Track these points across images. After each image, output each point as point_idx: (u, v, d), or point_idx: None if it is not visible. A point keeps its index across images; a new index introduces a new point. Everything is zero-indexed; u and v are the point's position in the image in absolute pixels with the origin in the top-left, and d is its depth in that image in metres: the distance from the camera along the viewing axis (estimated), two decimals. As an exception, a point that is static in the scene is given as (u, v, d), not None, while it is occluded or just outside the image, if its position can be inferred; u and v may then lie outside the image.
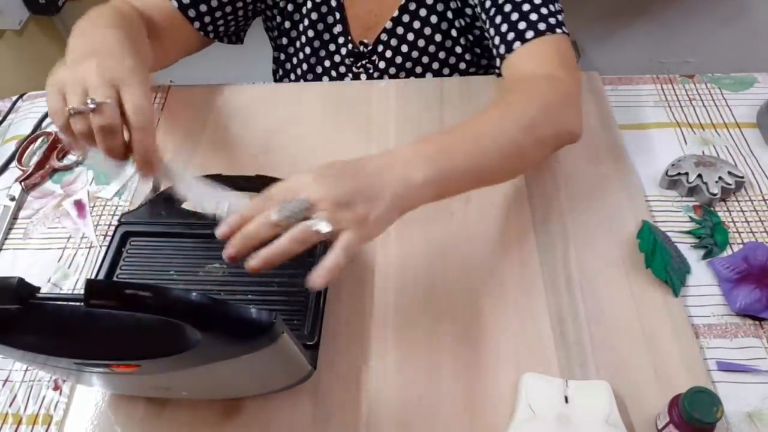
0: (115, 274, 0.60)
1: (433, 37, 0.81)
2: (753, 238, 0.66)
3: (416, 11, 0.80)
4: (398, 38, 0.82)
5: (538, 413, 0.52)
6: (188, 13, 0.76)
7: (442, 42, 0.82)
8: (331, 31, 0.83)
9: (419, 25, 0.81)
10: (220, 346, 0.40)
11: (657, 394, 0.54)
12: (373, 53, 0.83)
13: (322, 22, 0.82)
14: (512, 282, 0.62)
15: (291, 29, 0.85)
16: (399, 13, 0.80)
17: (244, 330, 0.39)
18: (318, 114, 0.80)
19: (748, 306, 0.59)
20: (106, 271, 0.60)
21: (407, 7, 0.80)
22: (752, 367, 0.56)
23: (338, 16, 0.81)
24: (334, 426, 0.54)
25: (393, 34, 0.82)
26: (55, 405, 0.57)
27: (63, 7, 1.47)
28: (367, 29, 0.82)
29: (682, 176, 0.69)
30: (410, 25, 0.81)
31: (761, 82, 0.83)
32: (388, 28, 0.81)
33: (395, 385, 0.56)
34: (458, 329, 0.59)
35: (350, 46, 0.83)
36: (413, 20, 0.80)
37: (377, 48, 0.83)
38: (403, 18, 0.80)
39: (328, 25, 0.82)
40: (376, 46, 0.83)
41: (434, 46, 0.82)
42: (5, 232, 0.70)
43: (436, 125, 0.77)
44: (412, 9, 0.80)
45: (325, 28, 0.82)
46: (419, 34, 0.81)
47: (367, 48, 0.83)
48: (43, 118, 0.82)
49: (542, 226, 0.67)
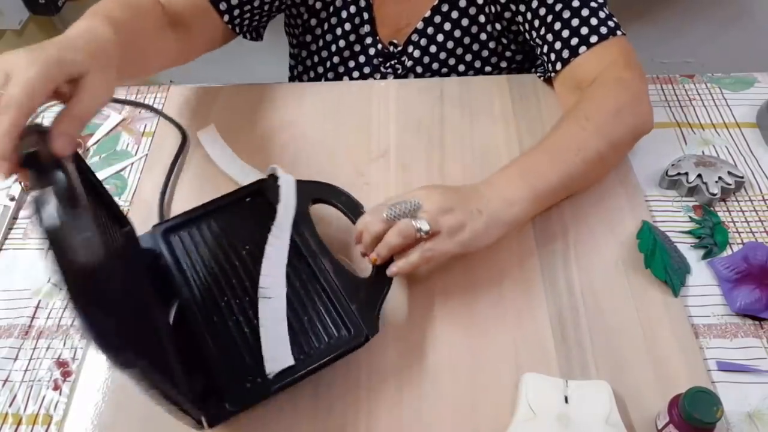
0: (186, 270, 0.60)
1: (463, 39, 0.82)
2: (753, 238, 0.66)
3: (448, 13, 0.80)
4: (428, 38, 0.82)
5: (538, 413, 0.52)
6: (219, 6, 0.76)
7: (470, 45, 0.83)
8: (358, 32, 0.83)
9: (450, 27, 0.81)
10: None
11: (657, 394, 0.54)
12: (402, 53, 0.84)
13: (350, 22, 0.82)
14: (512, 282, 0.62)
15: (316, 27, 0.85)
16: (431, 14, 0.80)
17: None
18: (318, 114, 0.80)
19: (748, 306, 0.59)
20: (178, 271, 0.60)
21: (440, 8, 0.80)
22: (752, 367, 0.56)
23: (366, 17, 0.81)
24: (334, 424, 0.54)
25: (423, 35, 0.82)
26: (55, 405, 0.57)
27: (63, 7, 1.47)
28: (397, 30, 0.83)
29: (682, 176, 0.69)
30: (441, 26, 0.81)
31: (761, 82, 0.83)
32: (419, 28, 0.81)
33: (395, 384, 0.56)
34: (458, 329, 0.59)
35: (380, 47, 0.83)
36: (444, 21, 0.81)
37: (407, 48, 0.83)
38: (435, 19, 0.81)
39: (355, 25, 0.82)
40: (406, 47, 0.83)
41: (462, 49, 0.83)
42: (5, 232, 0.70)
43: (436, 125, 0.77)
44: (444, 10, 0.80)
45: (352, 27, 0.83)
46: (449, 35, 0.82)
47: (397, 48, 0.83)
48: (43, 118, 0.82)
49: (542, 226, 0.67)
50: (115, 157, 0.77)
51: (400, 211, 0.56)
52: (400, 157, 0.74)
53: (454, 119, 0.78)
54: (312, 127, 0.78)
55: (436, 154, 0.74)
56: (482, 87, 0.81)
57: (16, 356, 0.60)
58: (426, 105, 0.80)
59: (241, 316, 0.57)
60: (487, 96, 0.80)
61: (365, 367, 0.57)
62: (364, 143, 0.76)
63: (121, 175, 0.75)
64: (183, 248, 0.62)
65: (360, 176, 0.73)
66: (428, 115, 0.79)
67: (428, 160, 0.74)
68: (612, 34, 0.71)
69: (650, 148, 0.74)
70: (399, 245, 0.56)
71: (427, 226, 0.55)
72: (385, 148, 0.75)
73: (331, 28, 0.84)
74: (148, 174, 0.75)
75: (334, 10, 0.82)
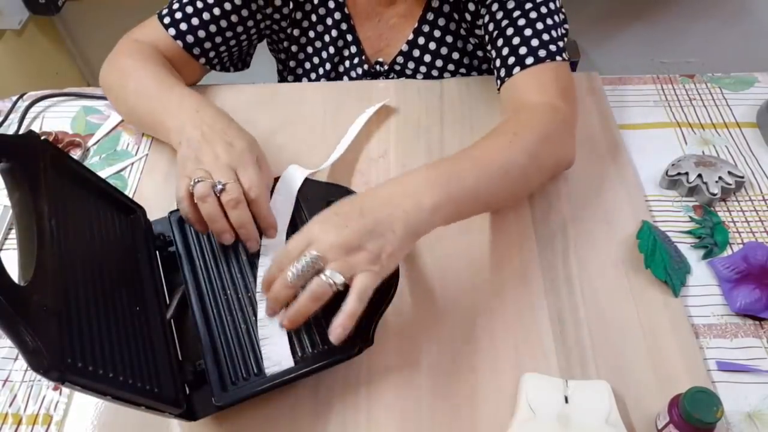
0: (196, 259, 0.61)
1: (451, 55, 0.82)
2: (753, 238, 0.66)
3: (431, 33, 0.80)
4: (415, 60, 0.82)
5: (538, 413, 0.52)
6: (193, 51, 0.77)
7: (461, 59, 0.83)
8: (342, 53, 0.83)
9: (435, 46, 0.81)
10: None
11: (657, 394, 0.54)
12: (389, 72, 0.84)
13: (333, 45, 0.82)
14: (512, 282, 0.62)
15: (299, 52, 0.86)
16: (414, 36, 0.81)
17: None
18: (318, 114, 0.80)
19: (748, 306, 0.59)
20: (187, 259, 0.61)
21: (421, 29, 0.80)
22: (752, 367, 0.56)
23: (350, 38, 0.82)
24: (334, 424, 0.54)
25: (410, 57, 0.82)
26: (55, 405, 0.57)
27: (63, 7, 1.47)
28: (378, 50, 0.83)
29: (682, 176, 0.69)
30: (426, 47, 0.81)
31: (761, 82, 0.83)
32: (404, 51, 0.82)
33: (395, 384, 0.56)
34: (458, 329, 0.59)
35: (366, 66, 0.83)
36: (428, 42, 0.81)
37: (394, 67, 0.83)
38: (419, 41, 0.81)
39: (338, 47, 0.83)
40: (393, 66, 0.83)
41: (453, 65, 0.83)
42: (5, 232, 0.70)
43: (436, 125, 0.77)
44: (426, 31, 0.80)
45: (336, 50, 0.83)
46: (436, 54, 0.82)
47: (384, 67, 0.84)
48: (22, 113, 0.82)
49: (542, 226, 0.67)
50: (115, 157, 0.77)
51: (301, 271, 0.49)
52: (400, 158, 0.74)
53: (454, 119, 0.78)
54: (312, 127, 0.78)
55: (436, 154, 0.74)
56: (482, 87, 0.81)
57: (16, 356, 0.60)
58: (426, 105, 0.80)
59: (241, 312, 0.57)
60: (487, 96, 0.80)
61: (365, 367, 0.57)
62: (363, 143, 0.76)
63: (121, 175, 0.75)
64: (195, 237, 0.62)
65: (360, 176, 0.73)
66: (428, 115, 0.79)
67: (428, 161, 0.73)
68: (550, 59, 0.69)
69: (650, 148, 0.75)
70: (318, 307, 0.50)
71: (341, 278, 0.49)
72: (385, 149, 0.75)
73: (316, 51, 0.84)
74: (149, 174, 0.75)
75: (316, 35, 0.83)
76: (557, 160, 0.67)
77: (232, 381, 0.53)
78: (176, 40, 0.76)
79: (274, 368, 0.53)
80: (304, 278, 0.49)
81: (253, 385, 0.52)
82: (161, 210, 0.65)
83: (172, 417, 0.50)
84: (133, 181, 0.74)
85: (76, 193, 0.55)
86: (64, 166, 0.54)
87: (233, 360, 0.54)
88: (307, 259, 0.49)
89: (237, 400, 0.51)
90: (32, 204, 0.47)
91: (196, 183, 0.57)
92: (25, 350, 0.38)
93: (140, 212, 0.64)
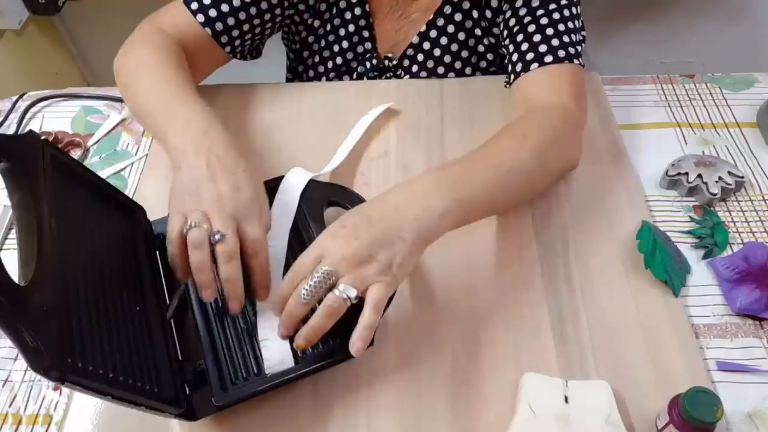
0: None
1: (460, 53, 0.82)
2: (753, 238, 0.66)
3: (444, 27, 0.80)
4: (424, 53, 0.82)
5: (538, 413, 0.52)
6: (221, 39, 0.74)
7: (468, 57, 0.82)
8: (356, 49, 0.83)
9: (446, 41, 0.81)
10: None
11: (657, 394, 0.54)
12: (398, 67, 0.84)
13: (348, 40, 0.82)
14: (512, 282, 0.62)
15: (314, 43, 0.85)
16: (426, 28, 0.80)
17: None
18: (318, 114, 0.80)
19: (748, 306, 0.59)
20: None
21: (435, 22, 0.80)
22: (752, 367, 0.56)
23: (367, 34, 0.81)
24: (334, 424, 0.54)
25: (420, 49, 0.82)
26: (55, 405, 0.57)
27: (63, 7, 1.47)
28: (394, 44, 0.83)
29: (682, 176, 0.69)
30: (437, 40, 0.81)
31: (761, 82, 0.83)
32: (414, 43, 0.81)
33: (395, 384, 0.56)
34: (458, 329, 0.59)
35: (375, 61, 0.83)
36: (440, 36, 0.80)
37: (403, 62, 0.83)
38: (431, 33, 0.80)
39: (353, 42, 0.82)
40: (402, 61, 0.83)
41: (460, 62, 0.83)
42: (5, 232, 0.70)
43: (436, 125, 0.77)
44: (440, 25, 0.80)
45: (350, 45, 0.83)
46: (446, 49, 0.81)
47: (393, 62, 0.83)
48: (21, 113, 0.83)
49: (542, 226, 0.67)
50: (115, 157, 0.77)
51: (314, 288, 0.49)
52: (401, 158, 0.74)
53: (454, 119, 0.78)
54: (312, 127, 0.78)
55: (436, 154, 0.74)
56: (482, 87, 0.81)
57: (16, 356, 0.60)
58: (426, 105, 0.80)
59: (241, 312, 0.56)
60: (487, 96, 0.80)
61: (365, 367, 0.57)
62: (364, 143, 0.76)
63: (122, 175, 0.75)
64: None
65: (360, 176, 0.73)
66: (428, 115, 0.79)
67: (428, 161, 0.74)
68: (569, 60, 0.69)
69: (650, 148, 0.75)
70: (331, 325, 0.50)
71: (355, 292, 0.49)
72: (385, 149, 0.75)
73: (329, 44, 0.84)
74: (149, 174, 0.75)
75: (332, 28, 0.82)
76: (564, 164, 0.68)
77: (232, 381, 0.53)
78: (204, 27, 0.72)
79: (274, 368, 0.53)
80: (318, 294, 0.50)
81: (253, 385, 0.52)
82: (161, 210, 0.65)
83: (172, 417, 0.50)
84: (133, 181, 0.74)
85: (76, 193, 0.55)
86: (64, 166, 0.54)
87: (233, 360, 0.54)
88: (320, 275, 0.49)
89: (237, 400, 0.51)
90: (32, 204, 0.46)
91: (191, 227, 0.52)
92: (25, 350, 0.38)
93: (140, 212, 0.64)
